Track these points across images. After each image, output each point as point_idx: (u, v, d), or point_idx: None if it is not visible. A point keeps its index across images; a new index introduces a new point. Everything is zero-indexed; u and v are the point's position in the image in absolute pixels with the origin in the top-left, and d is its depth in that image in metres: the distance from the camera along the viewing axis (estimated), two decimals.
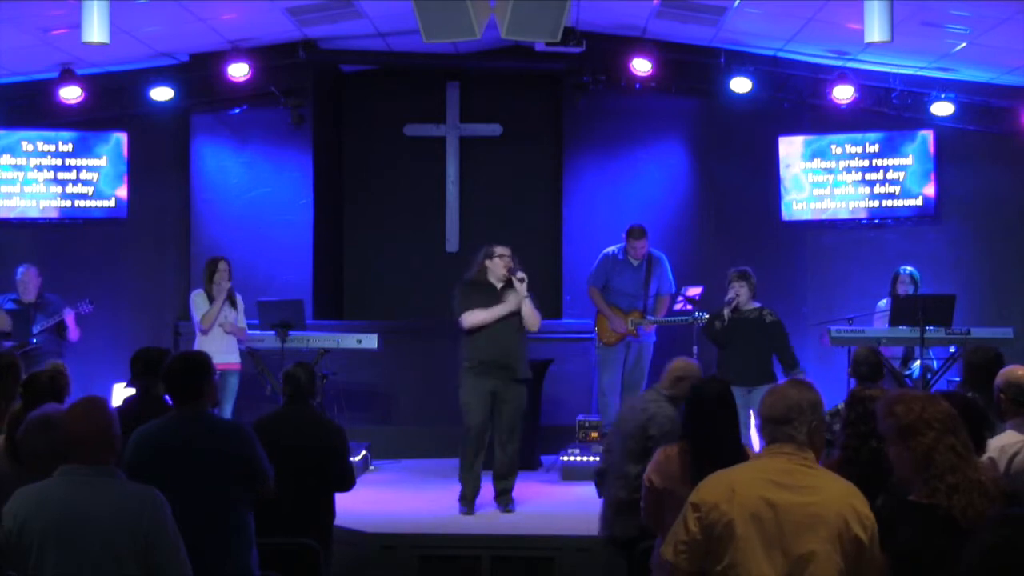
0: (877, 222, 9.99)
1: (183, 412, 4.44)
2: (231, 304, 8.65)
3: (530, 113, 10.91)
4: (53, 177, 10.02)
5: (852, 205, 9.95)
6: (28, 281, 9.04)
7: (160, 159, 10.33)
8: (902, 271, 9.02)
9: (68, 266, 9.91)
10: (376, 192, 10.99)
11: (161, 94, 9.83)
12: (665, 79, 9.90)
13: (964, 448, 3.41)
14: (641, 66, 9.65)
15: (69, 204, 10.03)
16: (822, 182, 9.99)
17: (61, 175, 10.02)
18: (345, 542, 6.31)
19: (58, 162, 10.02)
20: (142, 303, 10.17)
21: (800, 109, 10.05)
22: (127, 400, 5.73)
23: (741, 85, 9.70)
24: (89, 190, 10.04)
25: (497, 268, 7.36)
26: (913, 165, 9.81)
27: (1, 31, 8.40)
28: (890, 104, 9.79)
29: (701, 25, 9.15)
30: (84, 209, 10.05)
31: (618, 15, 9.44)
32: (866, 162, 9.94)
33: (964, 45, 8.67)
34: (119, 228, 10.18)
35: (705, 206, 10.21)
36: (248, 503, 4.49)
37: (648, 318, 8.94)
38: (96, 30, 7.09)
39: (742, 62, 9.69)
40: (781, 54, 9.71)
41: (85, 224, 10.13)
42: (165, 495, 3.65)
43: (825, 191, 9.99)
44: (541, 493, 8.01)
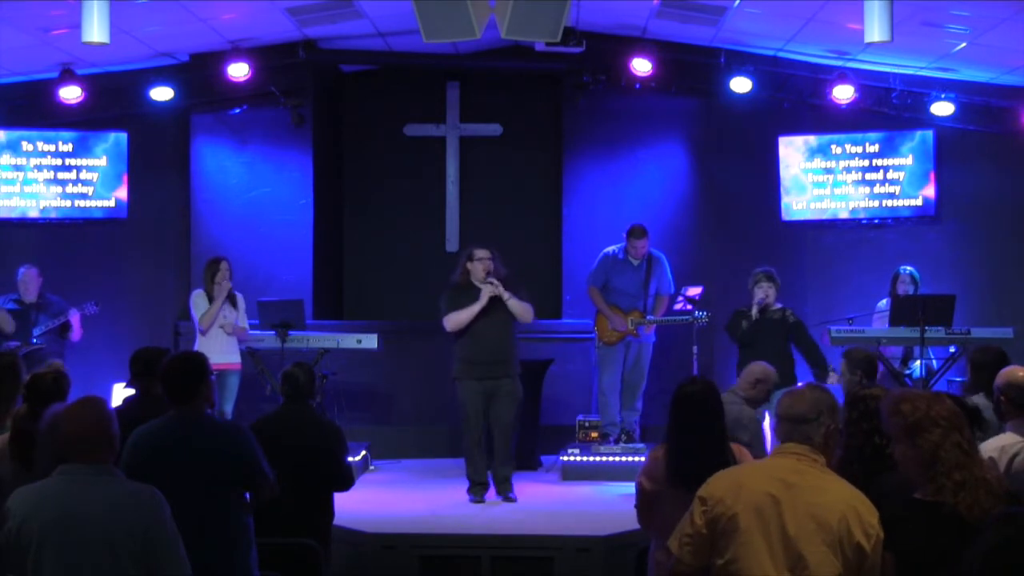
0: (877, 222, 9.99)
1: (181, 413, 4.43)
2: (231, 304, 8.65)
3: (530, 113, 10.90)
4: (53, 177, 10.01)
5: (852, 205, 9.95)
6: (29, 282, 9.04)
7: (160, 159, 10.32)
8: (902, 271, 9.01)
9: (68, 266, 9.90)
10: (376, 192, 10.99)
11: (161, 94, 9.83)
12: (665, 79, 9.90)
13: (969, 446, 3.42)
14: (641, 66, 9.65)
15: (69, 204, 10.03)
16: (822, 182, 9.99)
17: (61, 175, 10.02)
18: (345, 542, 6.31)
19: (58, 162, 10.02)
20: (142, 303, 10.15)
21: (800, 109, 10.04)
22: (127, 400, 5.72)
23: (741, 85, 9.69)
24: (89, 190, 10.03)
25: (476, 271, 7.63)
26: (913, 165, 9.81)
27: (1, 31, 8.40)
28: (890, 104, 9.79)
29: (701, 25, 9.15)
30: (84, 209, 10.04)
31: (618, 15, 9.43)
32: (866, 162, 9.94)
33: (964, 45, 8.67)
34: (119, 228, 10.16)
35: (705, 206, 10.21)
36: (247, 503, 4.49)
37: (648, 318, 8.94)
38: (96, 30, 7.09)
39: (742, 62, 9.69)
40: (781, 54, 9.71)
41: (85, 224, 10.12)
42: (163, 495, 3.64)
43: (825, 191, 9.99)
44: (541, 493, 8.01)
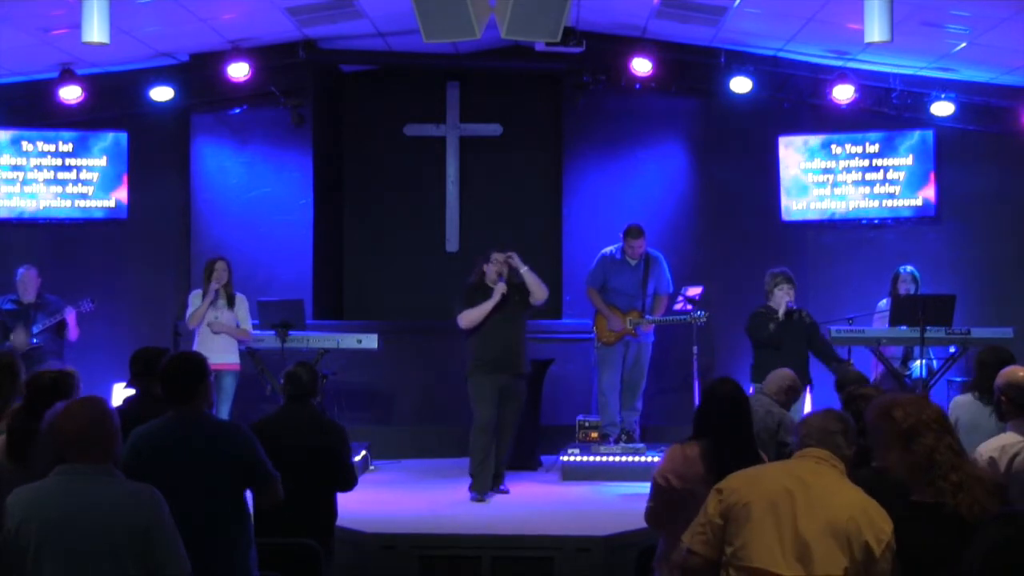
0: (877, 222, 9.98)
1: (180, 413, 4.43)
2: (228, 304, 8.64)
3: (530, 113, 10.90)
4: (53, 177, 10.01)
5: (852, 205, 9.95)
6: (28, 282, 9.03)
7: (160, 159, 10.32)
8: (903, 271, 9.01)
9: (68, 266, 9.90)
10: (376, 192, 10.99)
11: (161, 94, 9.82)
12: (665, 79, 9.89)
13: (959, 447, 3.48)
14: (641, 66, 9.65)
15: (69, 204, 10.02)
16: (822, 182, 9.99)
17: (61, 175, 10.02)
18: (345, 542, 6.31)
19: (58, 162, 10.02)
20: (142, 303, 10.16)
21: (800, 109, 10.04)
22: (126, 400, 5.71)
23: (741, 85, 9.69)
24: (89, 190, 10.03)
25: (490, 273, 7.83)
26: (913, 165, 9.81)
27: (1, 31, 8.40)
28: (890, 104, 9.79)
29: (701, 25, 9.15)
30: (84, 209, 10.04)
31: (618, 15, 9.43)
32: (866, 162, 9.93)
33: (964, 45, 8.67)
34: (119, 228, 10.16)
35: (705, 206, 10.20)
36: (246, 503, 4.48)
37: (647, 318, 8.94)
38: (96, 30, 7.10)
39: (742, 62, 9.69)
40: (781, 54, 9.71)
41: (85, 224, 10.12)
42: (163, 495, 3.63)
43: (825, 191, 9.99)
44: (541, 493, 8.02)
